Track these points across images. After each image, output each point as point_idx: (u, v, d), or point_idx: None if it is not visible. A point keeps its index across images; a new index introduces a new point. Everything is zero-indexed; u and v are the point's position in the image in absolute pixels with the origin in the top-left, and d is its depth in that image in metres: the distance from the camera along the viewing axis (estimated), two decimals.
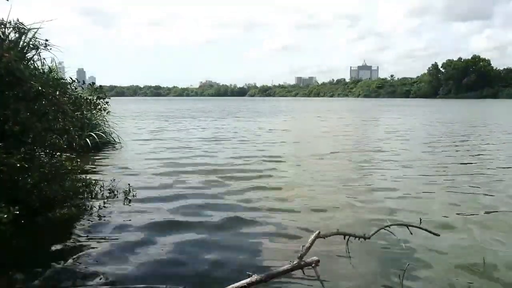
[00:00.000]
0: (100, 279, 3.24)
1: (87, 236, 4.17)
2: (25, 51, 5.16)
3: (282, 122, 23.60)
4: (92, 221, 4.58)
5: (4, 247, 3.55)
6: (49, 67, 7.20)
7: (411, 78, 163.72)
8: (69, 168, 4.65)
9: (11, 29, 4.57)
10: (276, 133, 16.36)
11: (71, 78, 4.73)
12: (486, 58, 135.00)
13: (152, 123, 21.71)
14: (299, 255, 2.92)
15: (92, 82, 4.93)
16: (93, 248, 3.86)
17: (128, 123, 20.26)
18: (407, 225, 3.91)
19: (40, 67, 6.18)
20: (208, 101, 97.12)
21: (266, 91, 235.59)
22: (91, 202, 4.89)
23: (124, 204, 5.07)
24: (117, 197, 5.02)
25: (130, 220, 4.68)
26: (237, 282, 2.66)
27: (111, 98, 5.20)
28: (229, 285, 2.64)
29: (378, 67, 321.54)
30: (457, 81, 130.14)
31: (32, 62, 5.59)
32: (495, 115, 31.61)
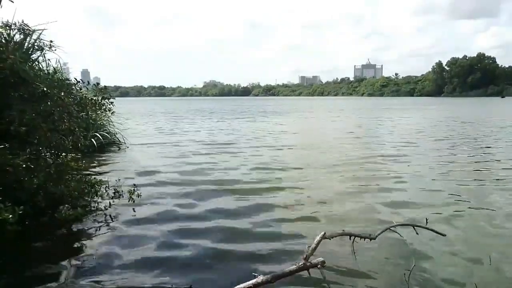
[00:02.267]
0: (105, 279, 3.25)
1: (92, 236, 4.18)
2: (30, 52, 5.18)
3: (297, 123, 23.25)
4: (97, 221, 4.59)
5: (10, 247, 3.57)
6: (54, 68, 7.24)
7: (415, 77, 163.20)
8: (75, 168, 4.67)
9: (16, 30, 4.59)
10: (291, 134, 16.17)
11: (75, 79, 4.74)
12: (491, 56, 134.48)
13: (158, 124, 21.77)
14: (305, 256, 2.90)
15: (97, 83, 4.93)
16: (98, 248, 3.87)
17: (134, 123, 20.33)
18: (413, 225, 3.88)
19: (45, 68, 6.22)
20: (214, 101, 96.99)
21: (270, 91, 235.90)
22: (96, 202, 4.90)
23: (129, 204, 5.08)
24: (122, 197, 5.03)
25: (135, 220, 4.69)
26: (243, 283, 2.65)
27: (116, 98, 5.20)
28: (235, 286, 2.63)
29: (382, 65, 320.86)
30: (462, 79, 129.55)
31: (37, 63, 5.62)
32: (504, 112, 31.29)
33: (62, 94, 4.20)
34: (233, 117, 27.40)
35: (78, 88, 4.82)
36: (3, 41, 4.19)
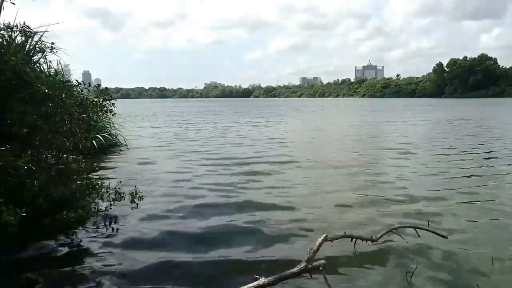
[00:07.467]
0: (107, 280, 3.25)
1: (94, 237, 4.18)
2: (31, 54, 5.19)
3: (312, 124, 23.11)
4: (98, 223, 4.59)
5: (11, 248, 3.57)
6: (55, 70, 7.24)
7: (416, 78, 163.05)
8: (76, 170, 4.66)
9: (17, 32, 4.60)
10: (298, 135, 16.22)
11: (77, 81, 4.75)
12: (493, 57, 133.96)
13: (158, 125, 21.78)
14: (307, 258, 2.90)
15: (98, 84, 4.93)
16: (100, 250, 3.87)
17: (135, 125, 20.32)
18: (415, 227, 3.88)
19: (46, 70, 6.21)
20: (216, 102, 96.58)
21: (271, 92, 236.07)
22: (97, 204, 4.89)
23: (130, 206, 5.07)
24: (123, 199, 5.02)
25: (136, 222, 4.69)
26: (244, 285, 2.65)
27: (117, 100, 5.20)
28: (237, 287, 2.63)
29: (383, 66, 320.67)
30: (462, 80, 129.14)
31: (38, 65, 5.62)
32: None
33: (64, 96, 4.20)
34: (236, 118, 27.35)
35: (80, 90, 4.82)
36: (5, 43, 4.19)
